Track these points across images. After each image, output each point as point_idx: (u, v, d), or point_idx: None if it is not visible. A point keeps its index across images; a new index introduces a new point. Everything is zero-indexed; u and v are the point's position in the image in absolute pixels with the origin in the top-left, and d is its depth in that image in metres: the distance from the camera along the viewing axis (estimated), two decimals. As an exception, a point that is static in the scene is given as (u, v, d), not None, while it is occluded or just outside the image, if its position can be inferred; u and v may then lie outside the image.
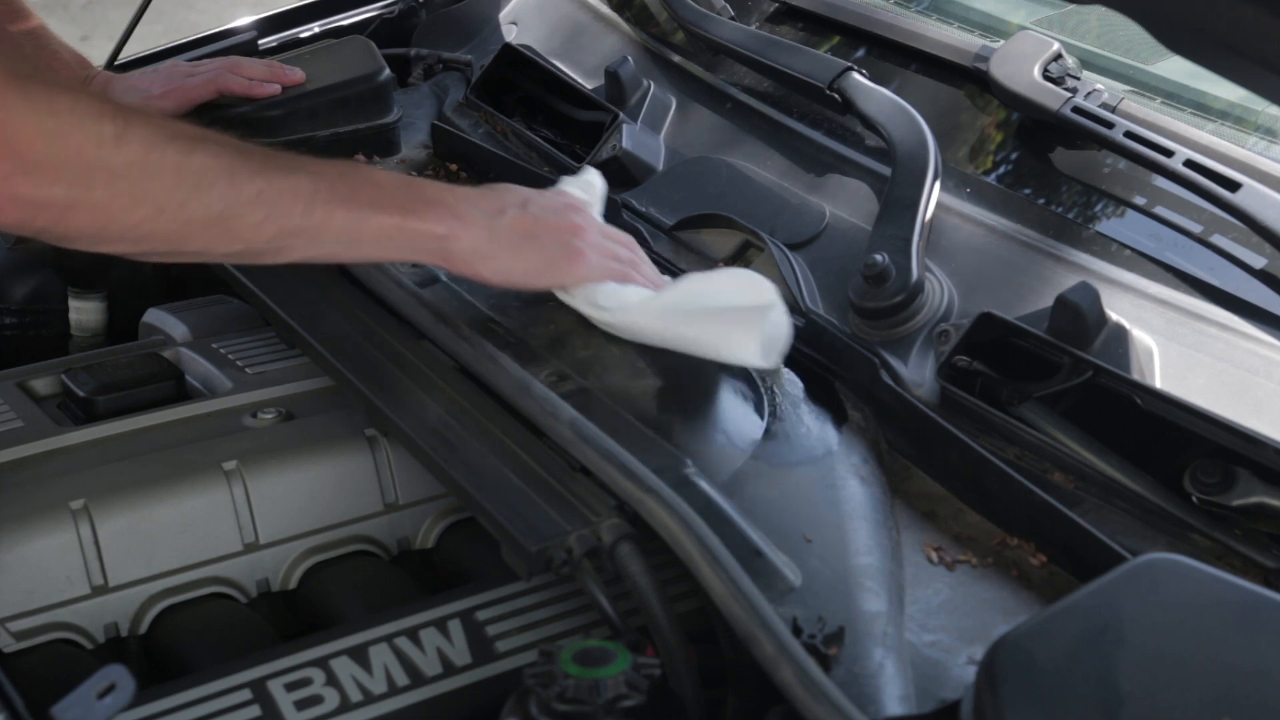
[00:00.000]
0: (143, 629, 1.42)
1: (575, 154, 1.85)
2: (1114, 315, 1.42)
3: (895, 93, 1.71)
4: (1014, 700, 0.96)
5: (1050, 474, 1.35)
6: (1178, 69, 1.73)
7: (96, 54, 2.09)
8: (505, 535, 1.25)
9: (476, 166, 1.93)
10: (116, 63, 2.13)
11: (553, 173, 1.85)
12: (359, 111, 1.95)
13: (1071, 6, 1.89)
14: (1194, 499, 1.28)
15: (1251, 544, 1.24)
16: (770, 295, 1.40)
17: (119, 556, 1.42)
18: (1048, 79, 1.63)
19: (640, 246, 1.53)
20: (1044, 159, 1.66)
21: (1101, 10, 1.59)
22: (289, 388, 1.62)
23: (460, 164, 1.96)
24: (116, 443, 1.53)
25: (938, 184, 1.59)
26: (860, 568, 1.25)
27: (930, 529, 1.35)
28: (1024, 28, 1.83)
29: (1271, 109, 1.64)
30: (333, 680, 1.25)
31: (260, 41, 2.19)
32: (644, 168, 1.82)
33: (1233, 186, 1.45)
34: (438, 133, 1.98)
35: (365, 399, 1.47)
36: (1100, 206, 1.59)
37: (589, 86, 1.96)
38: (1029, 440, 1.36)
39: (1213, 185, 1.47)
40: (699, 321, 1.39)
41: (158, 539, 1.44)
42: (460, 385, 1.45)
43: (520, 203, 1.44)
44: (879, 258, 1.49)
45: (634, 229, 1.72)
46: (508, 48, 2.02)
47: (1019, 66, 1.65)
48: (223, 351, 1.70)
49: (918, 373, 1.46)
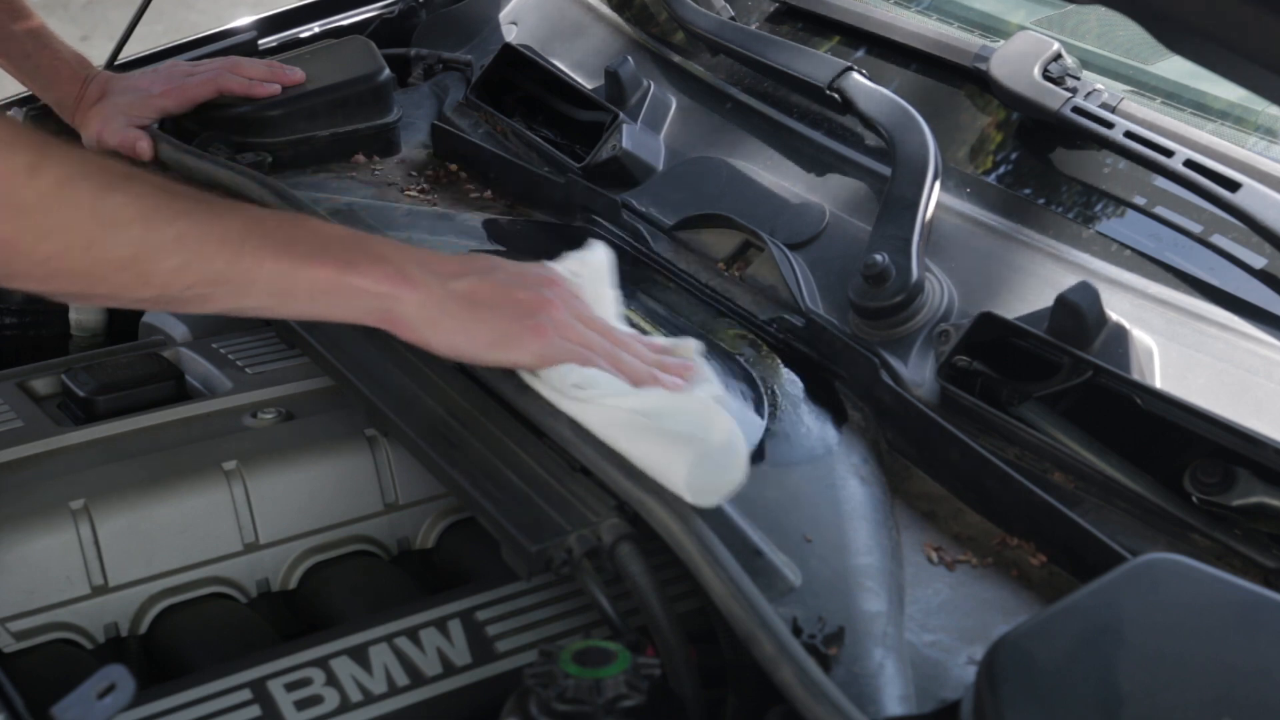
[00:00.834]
0: (143, 629, 1.42)
1: (575, 154, 1.85)
2: (1114, 315, 1.42)
3: (895, 93, 1.71)
4: (1014, 700, 0.96)
5: (1050, 474, 1.35)
6: (1178, 69, 1.73)
7: (96, 54, 2.09)
8: (505, 535, 1.25)
9: (476, 166, 1.94)
10: (116, 63, 2.13)
11: (553, 172, 1.86)
12: (359, 111, 1.96)
13: (1071, 6, 1.89)
14: (1194, 499, 1.28)
15: (1251, 544, 1.24)
16: (721, 434, 1.22)
17: (119, 556, 1.42)
18: (1048, 79, 1.63)
19: (640, 338, 1.36)
20: (1044, 159, 1.66)
21: (1101, 10, 1.59)
22: (289, 388, 1.62)
23: (460, 164, 1.96)
24: (116, 443, 1.53)
25: (938, 184, 1.59)
26: (860, 568, 1.25)
27: (930, 529, 1.35)
28: (1024, 28, 1.83)
29: (1271, 109, 1.64)
30: (333, 680, 1.25)
31: (260, 41, 2.19)
32: (644, 168, 1.82)
33: (1233, 186, 1.45)
34: (438, 133, 1.98)
35: (365, 399, 1.47)
36: (1100, 206, 1.59)
37: (589, 86, 1.96)
38: (1029, 440, 1.36)
39: (1213, 185, 1.47)
40: (640, 438, 1.24)
41: (158, 539, 1.44)
42: (460, 385, 1.45)
43: (486, 269, 1.32)
44: (879, 258, 1.49)
45: (634, 229, 1.73)
46: (508, 48, 2.02)
47: (1019, 66, 1.65)
48: (223, 351, 1.70)
49: (918, 373, 1.46)
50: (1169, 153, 1.51)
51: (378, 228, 1.68)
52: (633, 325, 1.44)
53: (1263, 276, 1.45)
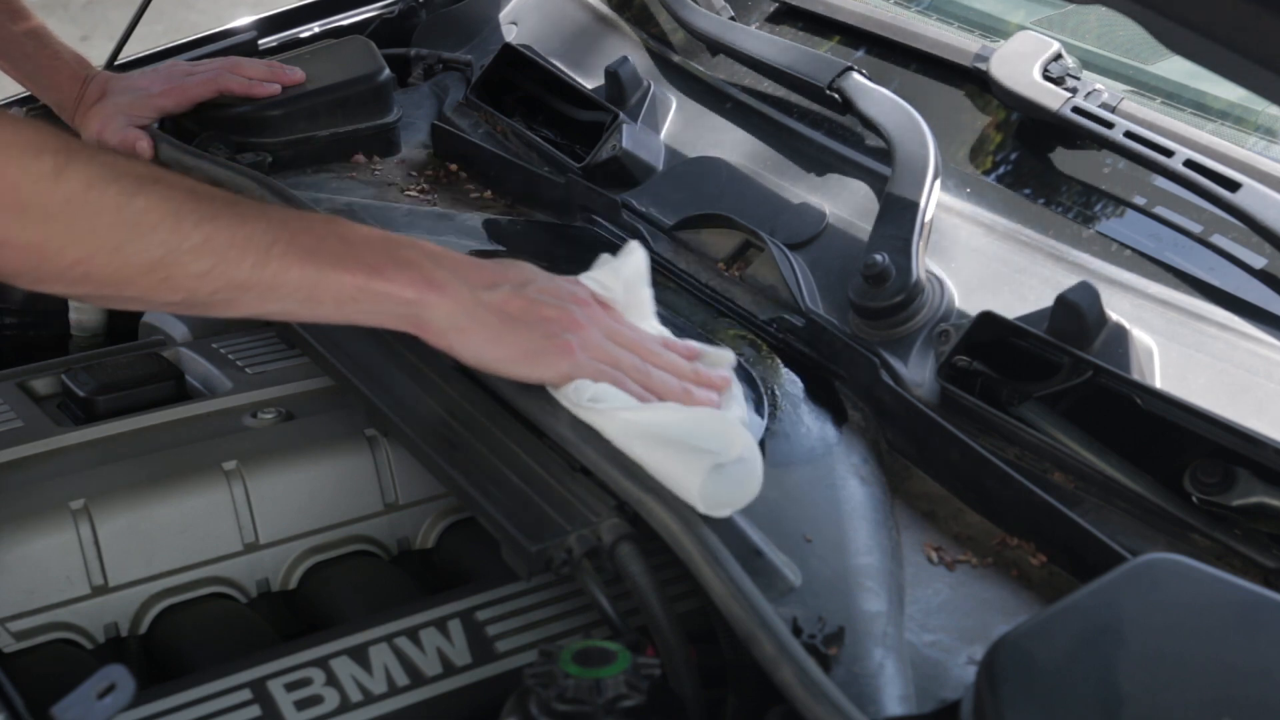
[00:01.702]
0: (143, 629, 1.42)
1: (575, 154, 1.85)
2: (1114, 315, 1.42)
3: (895, 93, 1.71)
4: (1014, 700, 0.96)
5: (1050, 474, 1.35)
6: (1178, 69, 1.73)
7: (96, 54, 2.09)
8: (505, 535, 1.25)
9: (476, 166, 1.94)
10: (116, 63, 2.13)
11: (553, 172, 1.86)
12: (359, 111, 1.96)
13: (1071, 6, 1.89)
14: (1194, 499, 1.28)
15: (1251, 544, 1.24)
16: (737, 450, 1.23)
17: (119, 556, 1.42)
18: (1048, 79, 1.63)
19: (675, 344, 1.35)
20: (1044, 159, 1.66)
21: (1101, 10, 1.59)
22: (289, 388, 1.62)
23: (460, 164, 1.96)
24: (116, 443, 1.53)
25: (938, 184, 1.59)
26: (860, 568, 1.25)
27: (930, 529, 1.35)
28: (1024, 28, 1.83)
29: (1271, 109, 1.64)
30: (333, 680, 1.25)
31: (260, 41, 2.19)
32: (644, 168, 1.82)
33: (1233, 186, 1.45)
34: (438, 133, 1.98)
35: (365, 399, 1.47)
36: (1100, 206, 1.59)
37: (589, 86, 1.96)
38: (1029, 440, 1.36)
39: (1213, 185, 1.47)
40: (656, 448, 1.25)
41: (158, 539, 1.44)
42: (460, 385, 1.45)
43: (521, 282, 1.30)
44: (879, 258, 1.49)
45: (634, 229, 1.73)
46: (508, 48, 2.02)
47: (1019, 66, 1.65)
48: (223, 351, 1.70)
49: (918, 373, 1.46)
50: (1169, 153, 1.51)
51: (378, 228, 1.68)
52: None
53: (1263, 276, 1.45)
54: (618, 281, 1.36)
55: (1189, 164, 1.49)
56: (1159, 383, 1.38)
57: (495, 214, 1.87)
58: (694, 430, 1.25)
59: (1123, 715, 0.96)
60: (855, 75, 1.74)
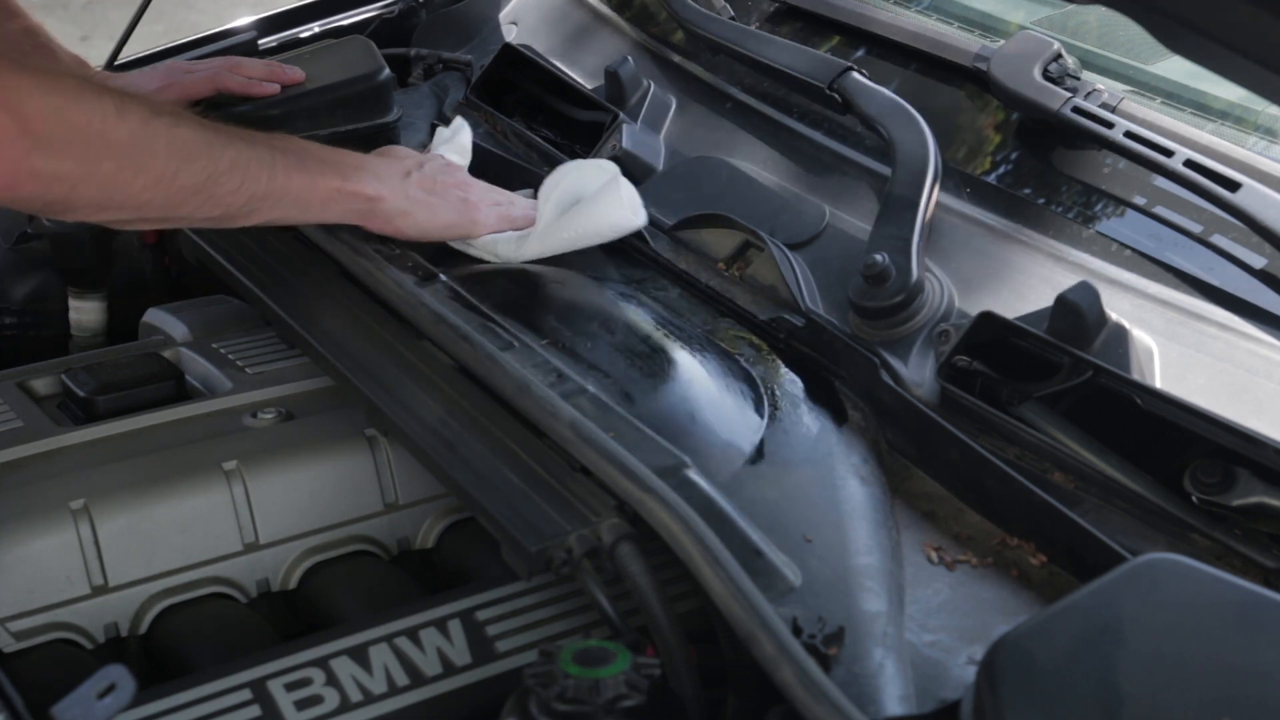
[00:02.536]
0: (143, 629, 1.43)
1: (575, 154, 1.85)
2: (1114, 315, 1.42)
3: (895, 93, 1.71)
4: (1014, 700, 0.96)
5: (1050, 474, 1.35)
6: (1178, 69, 1.73)
7: (96, 54, 2.09)
8: (505, 535, 1.25)
9: (476, 166, 1.93)
10: (116, 63, 2.13)
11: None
12: (359, 111, 1.95)
13: (1071, 6, 1.89)
14: (1194, 499, 1.28)
15: (1251, 544, 1.24)
16: (611, 167, 1.66)
17: (119, 556, 1.42)
18: (1048, 79, 1.63)
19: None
20: (1044, 159, 1.66)
21: (1101, 10, 1.59)
22: (289, 388, 1.62)
23: (460, 164, 1.95)
24: (116, 443, 1.53)
25: (938, 184, 1.59)
26: (860, 568, 1.25)
27: (930, 529, 1.35)
28: (1024, 28, 1.83)
29: (1271, 109, 1.64)
30: (333, 680, 1.25)
31: (260, 41, 2.19)
32: (644, 168, 1.82)
33: (1233, 186, 1.45)
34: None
35: (365, 399, 1.47)
36: (1100, 206, 1.59)
37: (589, 86, 1.96)
38: (1029, 440, 1.36)
39: (1213, 185, 1.47)
40: (575, 223, 1.61)
41: (158, 539, 1.44)
42: (460, 385, 1.45)
43: (416, 164, 1.61)
44: (879, 258, 1.49)
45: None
46: (508, 48, 2.02)
47: (1019, 66, 1.65)
48: (223, 351, 1.70)
49: (918, 373, 1.46)
50: (1169, 153, 1.51)
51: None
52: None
53: (1263, 276, 1.45)
54: (455, 150, 1.73)
55: (1189, 164, 1.49)
56: (1159, 383, 1.38)
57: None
58: (579, 183, 1.63)
59: (1123, 715, 0.96)
60: (855, 75, 1.74)
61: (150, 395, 1.62)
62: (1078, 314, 1.39)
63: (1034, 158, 1.67)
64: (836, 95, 1.74)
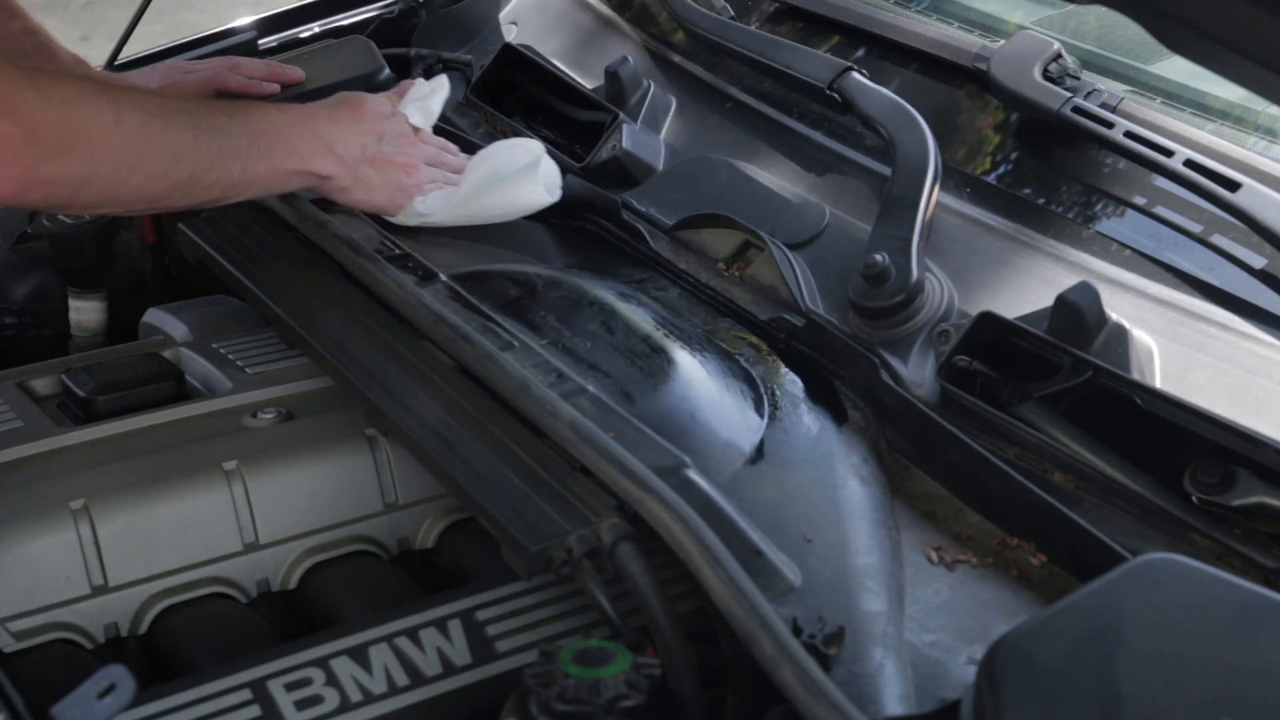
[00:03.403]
0: (143, 629, 1.42)
1: (575, 154, 1.85)
2: (1114, 315, 1.42)
3: (895, 93, 1.71)
4: (1014, 700, 0.96)
5: (1050, 474, 1.35)
6: (1178, 69, 1.73)
7: (96, 54, 2.09)
8: (505, 535, 1.25)
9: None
10: (116, 63, 2.13)
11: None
12: (359, 111, 1.95)
13: (1071, 6, 1.89)
14: (1194, 499, 1.28)
15: (1251, 544, 1.24)
16: (538, 149, 1.72)
17: (119, 556, 1.42)
18: (1048, 79, 1.63)
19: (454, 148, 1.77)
20: (1044, 159, 1.66)
21: (1101, 10, 1.59)
22: (289, 388, 1.62)
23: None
24: (116, 443, 1.53)
25: (938, 184, 1.59)
26: (860, 568, 1.25)
27: (930, 529, 1.35)
28: (1024, 28, 1.83)
29: (1271, 109, 1.64)
30: (333, 680, 1.25)
31: (260, 41, 2.19)
32: (644, 168, 1.82)
33: (1233, 186, 1.45)
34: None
35: (365, 399, 1.47)
36: (1100, 206, 1.59)
37: (589, 86, 1.96)
38: (1029, 440, 1.36)
39: (1213, 185, 1.47)
40: (493, 194, 1.69)
41: (158, 539, 1.44)
42: (460, 385, 1.45)
43: (377, 137, 1.68)
44: (879, 258, 1.49)
45: (634, 229, 1.73)
46: (508, 48, 2.02)
47: (1019, 66, 1.65)
48: (223, 351, 1.70)
49: (918, 373, 1.46)
50: (1169, 153, 1.51)
51: (378, 227, 1.68)
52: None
53: (1263, 276, 1.45)
54: (421, 112, 1.76)
55: (1189, 164, 1.49)
56: (1159, 383, 1.38)
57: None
58: (505, 159, 1.71)
59: (1123, 715, 0.96)
60: (855, 75, 1.74)
61: (150, 395, 1.62)
62: (1078, 314, 1.39)
63: (1034, 158, 1.67)
64: (836, 95, 1.74)
